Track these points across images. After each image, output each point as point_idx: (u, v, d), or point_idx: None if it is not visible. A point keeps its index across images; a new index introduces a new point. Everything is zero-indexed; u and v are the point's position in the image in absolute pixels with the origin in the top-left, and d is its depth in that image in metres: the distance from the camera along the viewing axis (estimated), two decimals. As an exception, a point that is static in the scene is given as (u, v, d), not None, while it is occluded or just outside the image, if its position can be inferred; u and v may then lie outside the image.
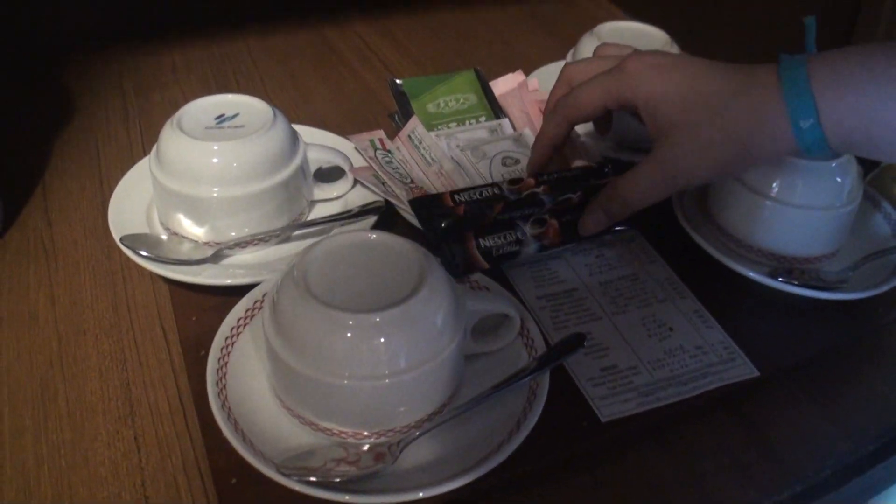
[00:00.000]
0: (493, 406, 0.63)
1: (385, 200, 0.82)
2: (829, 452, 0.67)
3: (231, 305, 0.69)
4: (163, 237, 0.77)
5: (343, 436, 0.60)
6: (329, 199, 0.86)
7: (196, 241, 0.77)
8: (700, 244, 0.80)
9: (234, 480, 0.59)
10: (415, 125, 0.87)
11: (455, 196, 0.75)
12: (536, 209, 0.76)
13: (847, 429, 0.69)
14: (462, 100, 0.93)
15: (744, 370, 0.71)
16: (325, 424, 0.59)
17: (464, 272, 0.73)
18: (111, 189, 0.84)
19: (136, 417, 0.67)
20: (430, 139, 0.86)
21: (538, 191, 0.76)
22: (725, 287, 0.80)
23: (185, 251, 0.75)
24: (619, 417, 0.67)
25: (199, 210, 0.75)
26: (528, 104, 0.93)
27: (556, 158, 0.81)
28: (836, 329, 0.78)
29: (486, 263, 0.74)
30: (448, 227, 0.73)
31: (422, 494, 0.56)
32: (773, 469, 0.66)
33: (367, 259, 0.62)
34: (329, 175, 0.86)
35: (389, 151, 0.86)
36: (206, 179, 0.74)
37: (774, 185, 0.77)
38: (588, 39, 1.00)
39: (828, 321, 0.78)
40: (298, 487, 0.55)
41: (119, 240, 0.75)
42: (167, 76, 1.15)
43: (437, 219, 0.74)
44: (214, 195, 0.74)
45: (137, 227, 0.79)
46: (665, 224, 0.84)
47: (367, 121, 1.06)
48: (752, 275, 0.77)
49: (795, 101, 0.61)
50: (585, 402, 0.68)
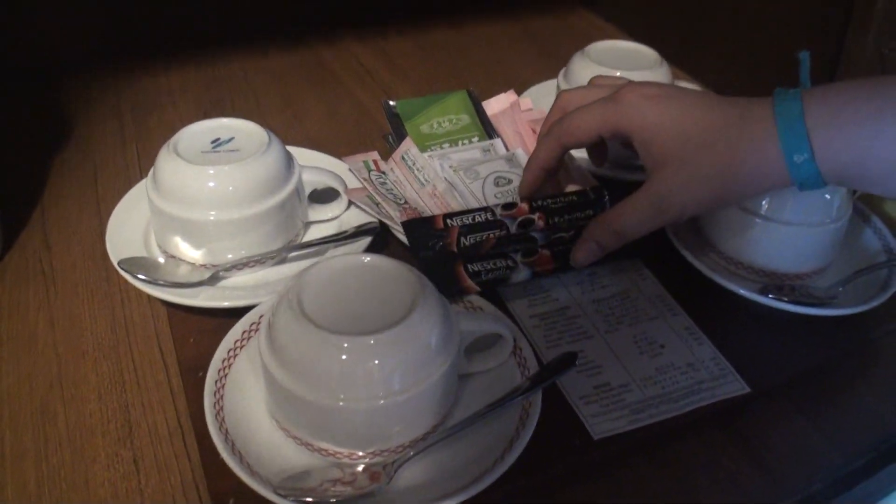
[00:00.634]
0: (487, 425, 0.64)
1: (380, 221, 0.82)
2: (821, 466, 0.68)
3: (228, 327, 0.70)
4: (160, 260, 0.78)
5: (338, 456, 0.60)
6: (324, 221, 0.86)
7: (193, 264, 0.78)
8: (691, 262, 0.81)
9: (233, 501, 0.60)
10: (408, 146, 0.88)
11: (448, 219, 0.76)
12: (529, 244, 0.77)
13: (838, 443, 0.70)
14: (455, 120, 0.94)
15: (735, 387, 0.72)
16: (321, 445, 0.60)
17: (456, 294, 0.74)
18: (109, 212, 0.84)
19: (135, 439, 0.67)
20: (424, 160, 0.87)
21: (533, 217, 0.77)
22: (716, 304, 0.80)
23: (183, 274, 0.76)
24: (611, 435, 0.67)
25: (196, 233, 0.76)
26: (521, 124, 0.94)
27: (550, 182, 0.82)
28: (827, 344, 0.78)
29: (477, 287, 0.75)
30: (440, 251, 0.74)
31: (417, 513, 0.57)
32: (766, 483, 0.66)
33: (361, 282, 0.62)
34: (324, 196, 0.87)
35: (383, 173, 0.87)
36: (203, 203, 0.75)
37: (764, 203, 0.78)
38: (579, 59, 1.01)
39: (818, 336, 0.78)
40: (295, 508, 0.56)
41: (117, 263, 0.76)
42: (164, 98, 1.16)
43: (429, 241, 0.75)
44: (211, 218, 0.75)
45: (135, 250, 0.79)
46: (656, 242, 0.84)
47: (363, 141, 1.07)
48: (743, 292, 0.77)
49: (789, 137, 0.61)
50: (578, 420, 0.68)
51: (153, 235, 0.82)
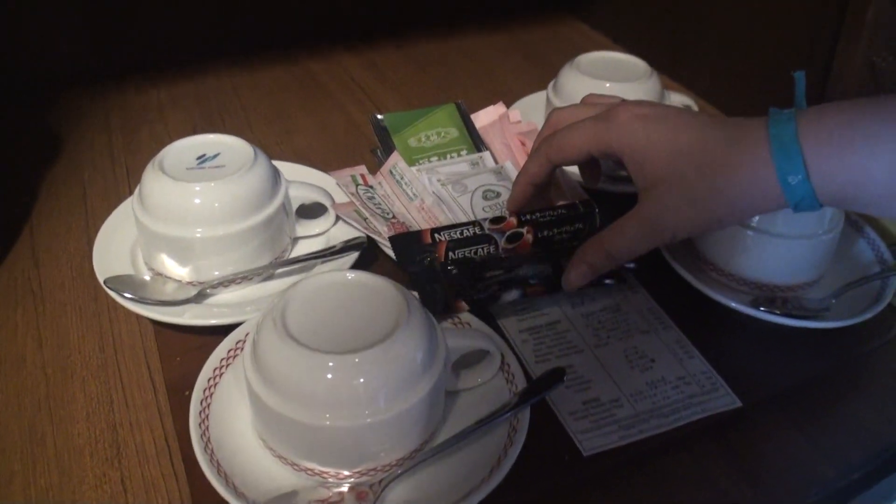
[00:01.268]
0: (475, 442, 0.63)
1: (367, 236, 0.82)
2: (815, 481, 0.68)
3: (215, 345, 0.69)
4: (146, 278, 0.77)
5: (325, 476, 0.60)
6: (312, 236, 0.86)
7: (180, 281, 0.77)
8: (681, 274, 0.80)
9: (218, 522, 0.59)
10: (396, 160, 0.87)
11: (435, 234, 0.75)
12: (521, 278, 0.77)
13: (832, 457, 0.69)
14: (443, 133, 0.93)
15: (726, 400, 0.71)
16: (307, 465, 0.60)
17: (444, 309, 0.74)
18: (97, 229, 0.84)
19: (123, 459, 0.67)
20: (412, 174, 0.86)
21: (522, 231, 0.77)
22: (707, 317, 0.80)
23: (169, 291, 0.76)
24: (602, 451, 0.67)
25: (182, 250, 0.76)
26: (510, 136, 0.94)
27: (541, 197, 0.81)
28: (819, 357, 0.78)
29: (466, 305, 0.74)
30: (428, 266, 0.74)
31: (404, 534, 0.56)
32: (759, 498, 0.66)
33: (346, 299, 0.62)
34: (312, 211, 0.86)
35: (371, 187, 0.87)
36: (189, 220, 0.74)
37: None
38: (569, 70, 1.00)
39: (811, 349, 0.78)
40: (281, 529, 0.55)
41: (103, 282, 0.75)
42: (153, 113, 1.16)
43: (416, 255, 0.74)
44: (197, 235, 0.74)
45: (122, 268, 0.79)
46: (647, 255, 0.84)
47: (352, 155, 1.07)
48: (734, 305, 0.77)
49: (784, 158, 0.60)
50: (567, 436, 0.68)
51: (140, 253, 0.81)
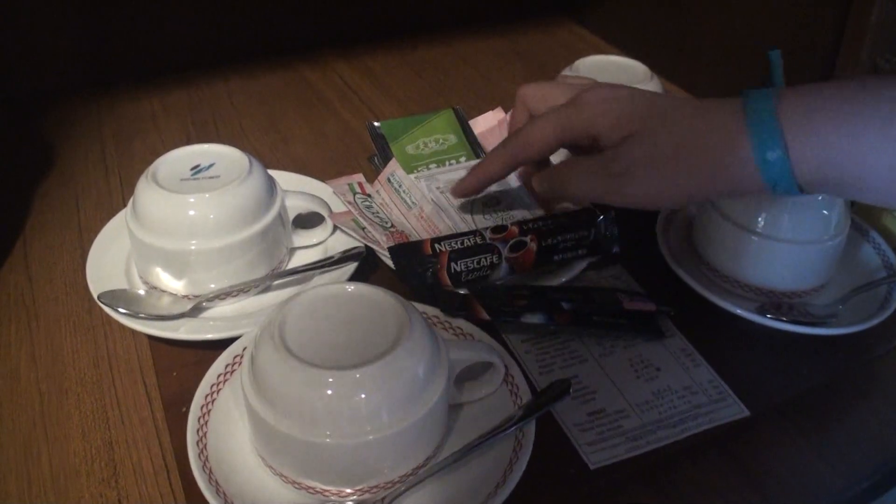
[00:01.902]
0: (479, 457, 0.62)
1: (366, 246, 0.81)
2: (823, 491, 0.66)
3: (212, 359, 0.68)
4: (141, 292, 0.76)
5: (326, 494, 0.59)
6: (309, 246, 0.85)
7: (175, 295, 0.76)
8: (686, 281, 0.79)
9: (218, 543, 0.58)
10: (394, 168, 0.86)
11: (436, 244, 0.74)
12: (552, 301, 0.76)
13: (840, 466, 0.68)
14: (441, 140, 0.92)
15: (734, 410, 0.70)
16: (308, 483, 0.58)
17: (457, 312, 0.72)
18: (91, 241, 0.83)
19: (120, 478, 0.65)
20: (410, 182, 0.85)
21: (525, 239, 0.76)
22: (713, 324, 0.79)
23: (164, 305, 0.74)
24: (608, 464, 0.65)
25: (177, 263, 0.74)
26: (509, 142, 0.92)
27: (542, 207, 0.81)
28: (826, 364, 0.77)
29: (485, 311, 0.73)
30: (431, 278, 0.73)
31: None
32: (767, 509, 0.64)
33: (346, 312, 0.61)
34: (309, 221, 0.85)
35: (369, 195, 0.86)
36: (183, 232, 0.73)
37: (760, 220, 0.77)
38: (568, 75, 0.99)
39: (817, 356, 0.77)
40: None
41: (97, 297, 0.74)
42: (146, 123, 1.15)
43: (417, 267, 0.73)
44: (192, 248, 0.73)
45: (116, 282, 0.78)
46: (650, 260, 0.83)
47: (348, 162, 1.05)
48: (740, 312, 0.76)
49: (760, 131, 0.58)
50: (573, 449, 0.67)
51: (134, 266, 0.80)
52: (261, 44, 1.33)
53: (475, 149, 0.92)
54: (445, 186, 0.85)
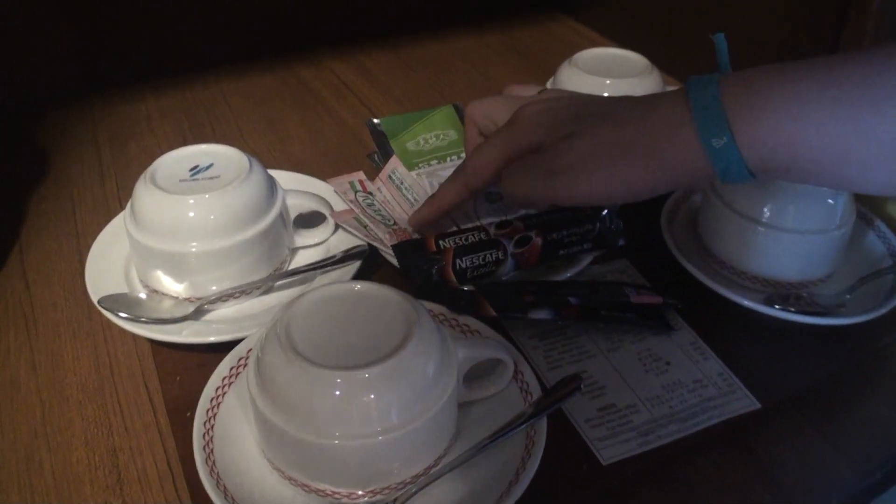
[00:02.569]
0: (491, 456, 0.61)
1: (368, 244, 0.80)
2: (835, 483, 0.66)
3: (215, 362, 0.67)
4: (142, 296, 0.75)
5: (337, 496, 0.58)
6: (311, 246, 0.84)
7: (176, 298, 0.75)
8: (692, 273, 0.79)
9: (227, 549, 0.57)
10: (395, 165, 0.85)
11: (440, 241, 0.73)
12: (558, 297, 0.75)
13: (852, 457, 0.68)
14: (442, 136, 0.91)
15: (744, 403, 0.70)
16: (318, 486, 0.57)
17: (463, 309, 0.72)
18: (89, 246, 0.82)
19: (125, 485, 0.64)
20: (412, 179, 0.84)
21: (530, 235, 0.75)
22: (720, 316, 0.78)
23: (166, 309, 0.74)
24: (621, 459, 0.65)
25: (178, 266, 0.74)
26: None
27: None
28: (836, 354, 0.76)
29: (492, 308, 0.72)
30: (436, 274, 0.72)
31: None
32: (779, 503, 0.64)
33: (352, 311, 0.60)
34: (310, 220, 0.84)
35: (370, 193, 0.85)
36: (184, 234, 0.72)
37: (766, 211, 0.76)
38: (567, 68, 0.98)
39: (827, 346, 0.76)
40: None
41: (97, 302, 0.73)
42: (141, 125, 1.14)
43: (423, 264, 0.72)
44: (193, 250, 0.72)
45: (116, 286, 0.77)
46: (656, 253, 0.82)
47: (347, 161, 1.04)
48: (748, 303, 0.75)
49: (705, 120, 0.56)
50: (585, 445, 0.66)
51: (134, 270, 0.79)
52: (255, 42, 1.32)
53: (475, 145, 0.91)
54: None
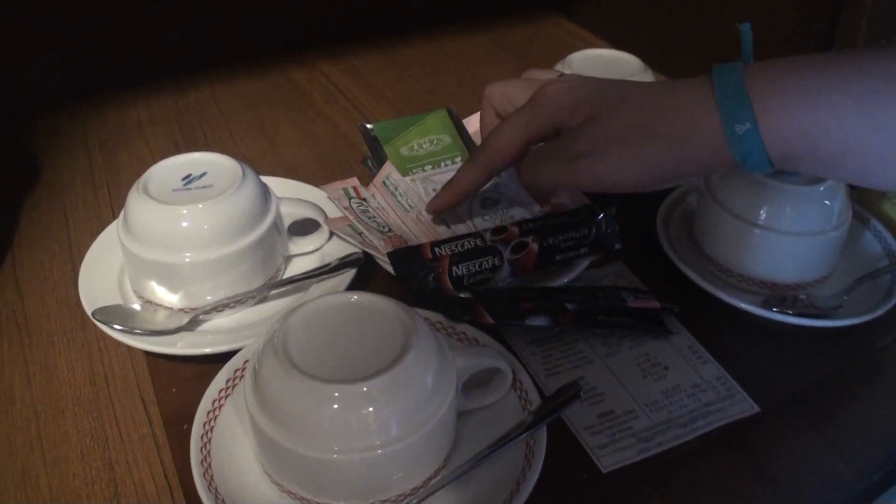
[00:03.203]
0: (491, 466, 0.60)
1: (364, 252, 0.79)
2: (835, 484, 0.66)
3: (211, 373, 0.67)
4: (136, 307, 0.75)
5: (336, 510, 0.57)
6: (305, 254, 0.84)
7: (171, 309, 0.74)
8: (688, 275, 0.79)
9: (226, 564, 0.57)
10: (389, 171, 0.85)
11: (436, 248, 0.73)
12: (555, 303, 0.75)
13: (851, 458, 0.68)
14: (436, 141, 0.91)
15: (744, 406, 0.69)
16: (318, 500, 0.57)
17: (460, 317, 0.71)
18: (82, 255, 0.81)
19: (122, 499, 0.64)
20: (406, 185, 0.84)
21: (527, 240, 0.74)
22: (718, 319, 0.78)
23: (160, 320, 0.73)
24: (621, 466, 0.64)
25: (172, 276, 0.73)
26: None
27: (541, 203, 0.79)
28: (833, 356, 0.76)
29: (489, 315, 0.71)
30: (433, 282, 0.72)
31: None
32: (780, 505, 0.64)
33: (350, 322, 0.59)
34: (304, 227, 0.84)
35: (364, 200, 0.84)
36: (177, 244, 0.72)
37: (762, 212, 0.76)
38: (560, 70, 0.97)
39: (824, 348, 0.76)
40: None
41: (91, 314, 0.72)
42: (133, 131, 1.13)
43: (419, 272, 0.72)
44: (187, 260, 0.72)
45: (110, 297, 0.76)
46: (652, 256, 0.82)
47: (340, 165, 1.04)
48: (745, 306, 0.75)
49: (728, 104, 0.56)
50: (584, 452, 0.66)
51: (128, 280, 0.78)
52: (245, 45, 1.32)
53: (470, 148, 0.91)
54: (442, 187, 0.84)
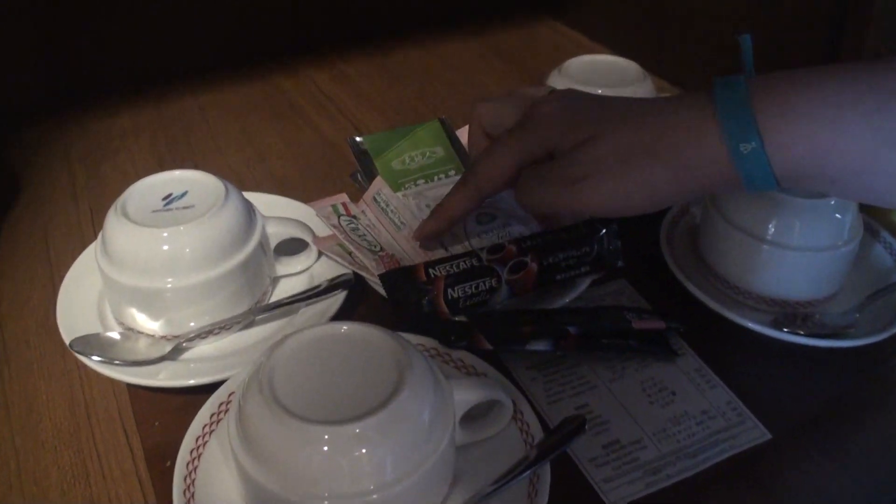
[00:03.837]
0: (492, 504, 0.57)
1: (354, 273, 0.76)
2: (850, 510, 0.63)
3: (196, 403, 0.64)
4: (115, 335, 0.71)
5: (329, 556, 0.54)
6: (293, 274, 0.81)
7: (153, 336, 0.71)
8: (694, 294, 0.76)
9: None
10: (380, 186, 0.81)
11: (430, 269, 0.69)
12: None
13: (863, 484, 0.65)
14: (429, 154, 0.87)
15: (755, 434, 0.67)
16: (308, 545, 0.54)
17: (457, 342, 0.68)
18: (62, 275, 0.79)
19: (103, 539, 0.61)
20: (398, 201, 0.80)
21: (525, 259, 0.71)
22: (725, 339, 0.76)
23: (142, 349, 0.70)
24: (628, 502, 0.61)
25: (153, 303, 0.70)
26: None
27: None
28: (845, 376, 0.74)
29: (487, 342, 0.68)
30: (428, 305, 0.69)
31: None
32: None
33: (339, 356, 0.56)
34: (292, 247, 0.81)
35: (354, 217, 0.81)
36: (158, 269, 0.68)
37: (770, 227, 0.73)
38: (557, 77, 0.95)
39: (835, 368, 0.74)
40: None
41: (69, 344, 0.69)
42: (115, 142, 1.10)
43: (412, 295, 0.69)
44: (168, 286, 0.68)
45: (90, 324, 0.73)
46: (655, 273, 0.80)
47: (330, 177, 1.01)
48: (754, 326, 0.73)
49: (732, 121, 0.53)
50: (589, 486, 0.63)
51: (109, 306, 0.75)
52: (231, 54, 1.29)
53: (465, 161, 0.87)
54: (435, 203, 0.80)
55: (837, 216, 0.73)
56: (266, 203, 0.84)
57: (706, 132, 0.54)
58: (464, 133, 0.90)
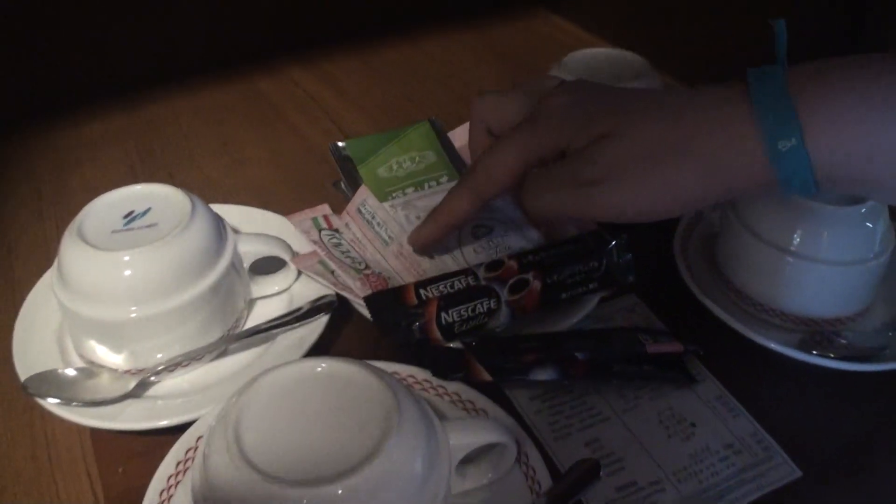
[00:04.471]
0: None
1: (337, 294, 0.70)
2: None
3: (163, 445, 0.58)
4: (73, 372, 0.65)
5: None
6: (271, 296, 0.75)
7: (115, 371, 0.65)
8: (712, 310, 0.70)
9: None
10: (364, 196, 0.75)
11: (420, 289, 0.63)
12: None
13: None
14: (418, 158, 0.81)
15: (784, 471, 0.61)
16: None
17: (452, 374, 0.63)
18: (24, 299, 0.73)
19: None
20: (385, 212, 0.74)
21: (527, 277, 0.65)
22: (748, 361, 0.70)
23: (103, 386, 0.64)
24: (647, 555, 0.55)
25: (115, 334, 0.64)
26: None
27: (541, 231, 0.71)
28: (879, 402, 0.68)
29: (487, 373, 0.62)
30: (418, 332, 0.63)
31: None
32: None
33: (318, 399, 0.49)
34: (270, 264, 0.75)
35: (337, 230, 0.74)
36: (119, 297, 0.62)
37: (796, 238, 0.68)
38: (557, 73, 0.90)
39: (867, 393, 0.68)
40: None
41: (23, 384, 0.63)
42: (84, 152, 1.04)
43: (401, 320, 0.63)
44: (132, 316, 0.62)
45: (48, 358, 0.67)
46: (668, 287, 0.74)
47: (312, 185, 0.95)
48: (779, 348, 0.67)
49: (770, 116, 0.48)
50: (604, 537, 0.56)
51: (69, 337, 0.69)
52: (207, 53, 1.23)
53: (458, 166, 0.81)
54: (426, 214, 0.74)
55: (868, 225, 0.67)
56: (241, 216, 0.79)
57: (739, 126, 0.49)
58: (456, 135, 0.84)
